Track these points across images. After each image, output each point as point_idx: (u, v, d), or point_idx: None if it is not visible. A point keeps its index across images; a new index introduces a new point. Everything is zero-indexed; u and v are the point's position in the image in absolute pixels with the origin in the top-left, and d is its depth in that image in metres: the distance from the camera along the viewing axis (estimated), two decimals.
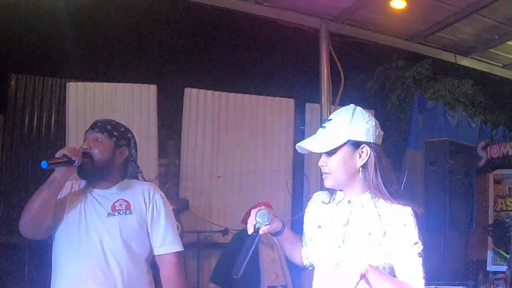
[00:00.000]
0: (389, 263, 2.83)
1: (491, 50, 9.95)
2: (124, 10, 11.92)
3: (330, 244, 2.91)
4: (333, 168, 2.91)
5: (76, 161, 3.38)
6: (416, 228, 2.83)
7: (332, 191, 3.07)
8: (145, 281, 3.64)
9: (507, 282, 7.90)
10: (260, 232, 2.94)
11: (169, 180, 8.59)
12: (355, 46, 9.75)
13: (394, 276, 2.84)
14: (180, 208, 7.50)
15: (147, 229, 3.62)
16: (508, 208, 9.49)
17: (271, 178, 9.19)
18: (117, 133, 3.65)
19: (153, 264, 3.76)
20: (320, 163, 2.98)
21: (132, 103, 8.61)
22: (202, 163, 8.90)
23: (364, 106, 2.94)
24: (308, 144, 2.94)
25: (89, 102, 8.43)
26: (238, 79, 12.81)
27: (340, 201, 3.00)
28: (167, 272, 3.69)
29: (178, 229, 6.89)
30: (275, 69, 14.47)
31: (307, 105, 9.67)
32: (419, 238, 2.82)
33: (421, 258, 2.81)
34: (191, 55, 13.99)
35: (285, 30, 9.39)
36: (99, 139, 3.56)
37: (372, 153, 2.87)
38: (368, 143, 2.88)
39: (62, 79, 9.13)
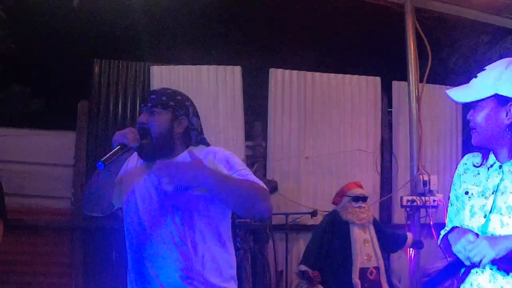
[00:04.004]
0: None
1: None
2: None
3: (476, 214, 2.67)
4: (478, 123, 2.68)
5: (134, 146, 3.25)
6: None
7: (485, 153, 2.80)
8: (225, 254, 3.39)
9: None
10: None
11: (256, 162, 8.55)
12: (441, 22, 9.51)
13: None
14: (268, 189, 7.41)
15: None
16: None
17: (359, 158, 9.07)
18: (173, 102, 3.39)
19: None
20: (468, 116, 2.75)
21: (216, 85, 8.64)
22: (289, 144, 8.85)
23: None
24: (453, 92, 2.74)
25: (174, 85, 8.40)
26: (323, 58, 12.65)
27: (491, 166, 2.74)
28: None
29: None
30: (360, 47, 14.26)
31: (394, 83, 9.45)
32: None
33: None
34: (275, 35, 13.90)
35: (370, 7, 9.22)
36: (155, 112, 3.36)
37: None
38: None
39: (146, 63, 9.08)
